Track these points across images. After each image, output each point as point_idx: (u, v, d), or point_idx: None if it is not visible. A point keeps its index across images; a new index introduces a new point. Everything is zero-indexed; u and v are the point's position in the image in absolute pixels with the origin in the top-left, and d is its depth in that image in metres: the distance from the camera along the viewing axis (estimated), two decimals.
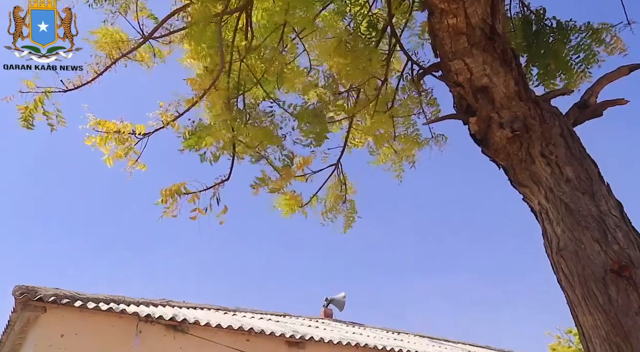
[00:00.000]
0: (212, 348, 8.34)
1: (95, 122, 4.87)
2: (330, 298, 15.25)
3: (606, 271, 2.66)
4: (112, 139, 4.88)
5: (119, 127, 4.87)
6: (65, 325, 7.47)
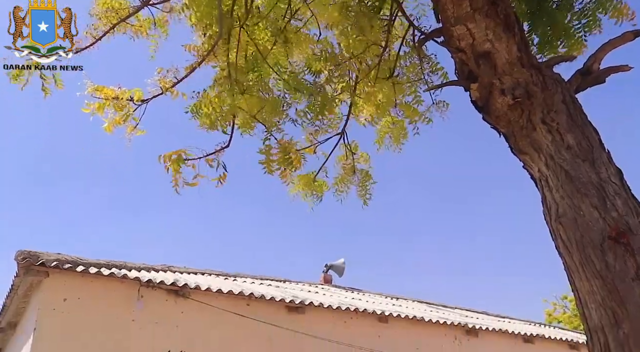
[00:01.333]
0: (212, 312, 8.46)
1: (93, 89, 4.84)
2: (329, 264, 15.41)
3: (604, 238, 2.67)
4: (111, 106, 4.86)
5: (117, 93, 4.84)
6: (67, 289, 7.57)
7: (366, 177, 5.76)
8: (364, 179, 5.74)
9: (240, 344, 8.54)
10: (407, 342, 10.19)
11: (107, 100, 4.88)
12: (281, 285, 11.73)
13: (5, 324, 8.88)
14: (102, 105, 4.87)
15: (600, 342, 2.60)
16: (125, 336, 7.70)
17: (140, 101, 4.97)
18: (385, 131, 5.70)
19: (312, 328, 9.22)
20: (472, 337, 11.09)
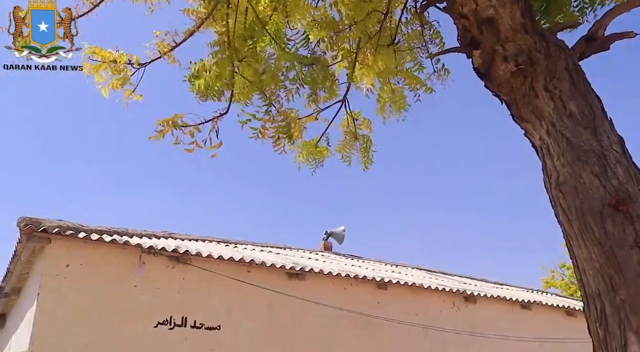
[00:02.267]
0: (213, 279, 8.55)
1: (91, 51, 4.79)
2: (329, 231, 15.51)
3: (604, 206, 2.67)
4: (108, 69, 4.81)
5: (114, 56, 4.79)
6: (70, 256, 7.64)
7: (368, 142, 5.74)
8: (365, 145, 5.72)
9: (241, 310, 8.65)
10: (406, 309, 10.32)
11: (104, 63, 4.83)
12: (281, 252, 11.83)
13: (9, 289, 9.00)
14: (98, 68, 4.82)
15: (597, 309, 2.63)
16: (127, 302, 7.80)
17: (139, 65, 4.92)
18: (386, 100, 5.66)
19: (312, 294, 9.34)
20: (470, 304, 11.23)
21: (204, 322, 8.25)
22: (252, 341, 8.55)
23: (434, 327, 10.43)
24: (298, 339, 9.00)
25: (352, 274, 9.85)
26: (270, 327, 8.82)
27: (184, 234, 10.51)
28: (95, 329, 7.44)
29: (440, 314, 10.73)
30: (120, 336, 7.56)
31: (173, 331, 7.96)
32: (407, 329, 10.12)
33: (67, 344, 7.19)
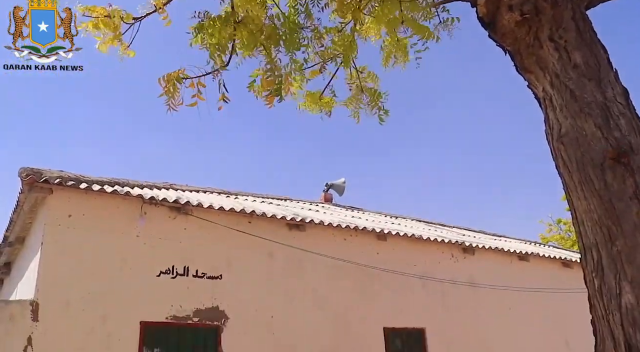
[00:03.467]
0: (215, 229, 8.64)
1: (85, 8, 4.71)
2: (330, 183, 15.57)
3: (605, 158, 2.66)
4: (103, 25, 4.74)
5: (108, 11, 4.71)
6: (72, 206, 7.69)
7: (376, 95, 5.65)
8: (374, 98, 5.64)
9: (242, 260, 8.78)
10: (405, 260, 10.47)
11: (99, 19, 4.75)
12: (282, 203, 11.91)
13: (13, 238, 9.10)
14: (95, 24, 4.74)
15: (593, 259, 2.66)
16: (129, 251, 7.91)
17: (133, 19, 4.84)
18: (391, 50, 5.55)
19: (312, 245, 9.45)
20: (468, 255, 11.39)
21: (205, 272, 8.39)
22: (252, 291, 8.71)
23: (433, 278, 10.61)
24: (298, 289, 9.17)
25: (352, 225, 9.94)
26: (270, 277, 8.97)
27: (184, 185, 10.56)
28: (99, 278, 7.57)
29: (439, 265, 10.89)
30: (123, 285, 7.70)
31: (175, 280, 8.10)
32: (406, 280, 10.29)
33: (71, 292, 7.33)
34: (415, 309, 10.26)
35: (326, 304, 9.34)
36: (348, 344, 9.27)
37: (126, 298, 7.66)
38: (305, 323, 9.01)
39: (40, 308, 7.08)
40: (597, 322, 2.66)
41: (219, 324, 8.24)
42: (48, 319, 7.08)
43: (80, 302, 7.34)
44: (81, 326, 7.26)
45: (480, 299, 11.11)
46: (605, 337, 2.56)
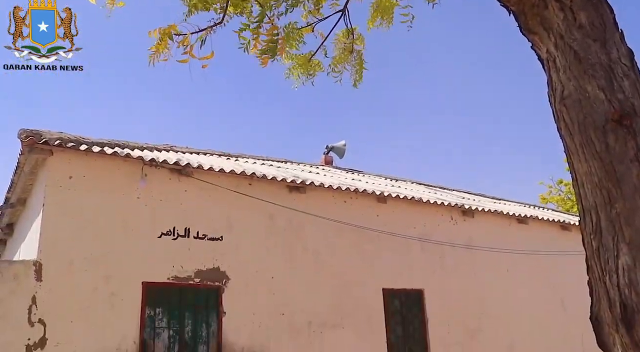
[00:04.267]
0: (215, 191, 8.67)
1: None
2: (330, 146, 15.56)
3: (607, 120, 2.63)
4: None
5: None
6: (72, 168, 7.70)
7: (360, 59, 5.61)
8: (359, 61, 5.60)
9: (242, 222, 8.84)
10: (404, 222, 10.54)
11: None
12: (282, 166, 11.92)
13: (15, 200, 9.14)
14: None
15: (592, 221, 2.66)
16: (130, 213, 7.96)
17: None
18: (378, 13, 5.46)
19: (312, 207, 9.50)
20: (468, 218, 11.46)
21: (206, 233, 8.46)
22: (253, 252, 8.80)
23: (432, 240, 10.70)
24: (298, 251, 9.26)
25: (352, 188, 9.97)
26: (271, 238, 9.05)
27: (184, 147, 10.55)
28: (100, 239, 7.64)
29: (438, 228, 10.98)
30: (125, 246, 7.78)
31: (176, 241, 8.18)
32: (405, 242, 10.38)
33: (73, 253, 7.41)
34: (414, 271, 10.38)
35: (326, 266, 9.45)
36: (347, 305, 9.42)
37: (128, 259, 7.74)
38: (305, 284, 9.14)
39: (44, 268, 7.16)
40: (593, 283, 2.69)
41: (220, 285, 8.35)
42: (51, 279, 7.18)
43: (83, 263, 7.43)
44: (84, 286, 7.36)
45: (478, 261, 11.23)
46: (601, 298, 2.59)
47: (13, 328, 6.81)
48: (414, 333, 10.08)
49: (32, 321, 6.94)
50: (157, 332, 7.75)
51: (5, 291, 6.90)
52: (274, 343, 8.54)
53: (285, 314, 8.79)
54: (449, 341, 10.30)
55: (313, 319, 9.02)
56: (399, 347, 9.81)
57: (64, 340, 7.05)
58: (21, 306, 6.93)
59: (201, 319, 8.12)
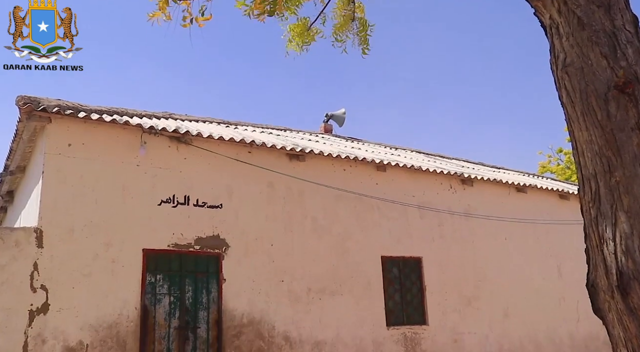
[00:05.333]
0: (215, 159, 8.67)
1: None
2: (330, 114, 15.49)
3: (609, 88, 2.61)
4: None
5: None
6: (71, 135, 7.68)
7: (365, 25, 5.54)
8: (362, 28, 5.53)
9: (242, 190, 8.86)
10: (403, 190, 10.57)
11: None
12: (282, 134, 11.89)
13: (14, 167, 9.14)
14: None
15: (591, 190, 2.67)
16: (130, 180, 7.97)
17: None
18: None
19: (312, 175, 9.51)
20: (467, 186, 11.48)
21: (206, 201, 8.48)
22: (253, 219, 8.84)
23: (431, 208, 10.75)
24: (298, 218, 9.31)
25: (351, 156, 9.97)
26: (270, 206, 9.08)
27: (183, 115, 10.50)
28: (100, 206, 7.66)
29: (437, 196, 11.01)
30: (125, 213, 7.81)
31: (176, 209, 8.21)
32: (404, 210, 10.43)
33: (74, 220, 7.44)
34: (413, 239, 10.46)
35: (325, 233, 9.51)
36: (346, 272, 9.52)
37: (128, 226, 7.79)
38: (304, 251, 9.21)
39: (44, 235, 7.21)
40: (591, 251, 2.71)
41: (220, 252, 8.42)
42: (53, 246, 7.23)
43: (84, 230, 7.47)
44: (85, 253, 7.42)
45: (477, 229, 11.31)
46: (597, 265, 2.61)
47: (16, 294, 6.90)
48: (412, 300, 10.21)
49: (35, 287, 7.02)
50: (158, 298, 7.84)
51: (7, 257, 6.96)
52: (273, 309, 8.66)
53: (284, 281, 8.89)
54: (447, 308, 10.44)
55: (312, 286, 9.12)
56: (397, 314, 9.95)
57: (66, 306, 7.14)
58: (23, 272, 7.00)
59: (201, 285, 8.21)
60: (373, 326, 9.53)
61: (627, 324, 2.44)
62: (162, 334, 7.75)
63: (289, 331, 8.72)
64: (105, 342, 7.29)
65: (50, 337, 6.98)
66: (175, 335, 7.83)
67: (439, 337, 10.16)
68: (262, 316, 8.54)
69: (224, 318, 8.20)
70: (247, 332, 8.35)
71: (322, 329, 9.02)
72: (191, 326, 7.97)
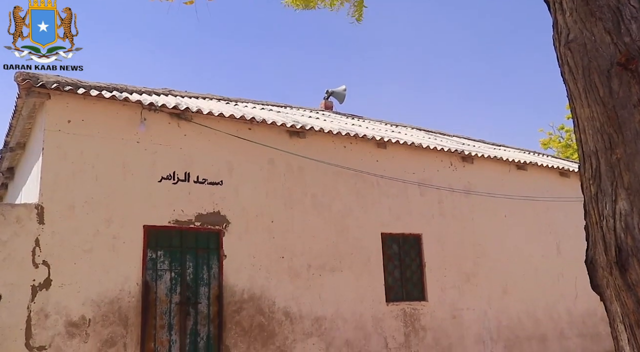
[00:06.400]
0: (215, 136, 8.65)
1: None
2: (331, 90, 15.40)
3: (612, 64, 2.59)
4: None
5: None
6: (71, 111, 7.65)
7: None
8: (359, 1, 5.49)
9: (242, 167, 8.86)
10: (404, 167, 10.57)
11: None
12: (282, 110, 11.84)
13: (14, 143, 9.13)
14: None
15: (592, 167, 2.66)
16: (130, 157, 7.96)
17: None
18: None
19: (312, 152, 9.51)
20: (467, 164, 11.48)
21: (206, 178, 8.49)
22: (253, 196, 8.86)
23: (431, 185, 10.76)
24: (298, 195, 9.32)
25: (352, 133, 9.94)
26: (271, 183, 9.09)
27: (183, 92, 10.45)
28: (101, 183, 7.67)
29: (437, 173, 11.01)
30: (126, 190, 7.82)
31: (176, 186, 8.22)
32: (404, 187, 10.44)
33: (75, 196, 7.45)
34: (413, 216, 10.49)
35: (325, 210, 9.53)
36: (346, 248, 9.57)
37: (129, 203, 7.80)
38: (304, 227, 9.25)
39: (46, 211, 7.23)
40: (590, 227, 2.72)
41: (221, 228, 8.45)
42: (54, 222, 7.25)
43: (85, 206, 7.49)
44: (86, 229, 7.45)
45: (477, 207, 11.33)
46: (597, 242, 2.62)
47: (18, 269, 6.95)
48: (412, 276, 10.28)
49: (37, 263, 7.07)
50: (159, 274, 7.90)
51: (8, 233, 6.99)
52: (273, 285, 8.73)
53: (284, 257, 8.94)
54: (446, 284, 10.52)
55: (312, 262, 9.18)
56: (397, 290, 10.03)
57: (68, 281, 7.19)
58: (25, 248, 7.04)
59: (202, 261, 8.26)
60: (372, 302, 9.61)
61: (625, 300, 2.46)
62: (163, 310, 7.83)
63: (289, 306, 8.80)
64: (107, 317, 7.36)
65: (53, 312, 7.04)
66: (176, 310, 7.91)
67: (438, 313, 10.26)
68: (263, 292, 8.61)
69: (225, 294, 8.27)
70: (247, 307, 8.42)
71: (322, 304, 9.11)
72: (192, 301, 8.04)
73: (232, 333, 8.21)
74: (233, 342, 8.19)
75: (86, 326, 7.21)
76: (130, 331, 7.48)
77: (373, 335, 9.45)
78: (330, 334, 9.06)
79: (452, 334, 10.31)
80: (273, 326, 8.59)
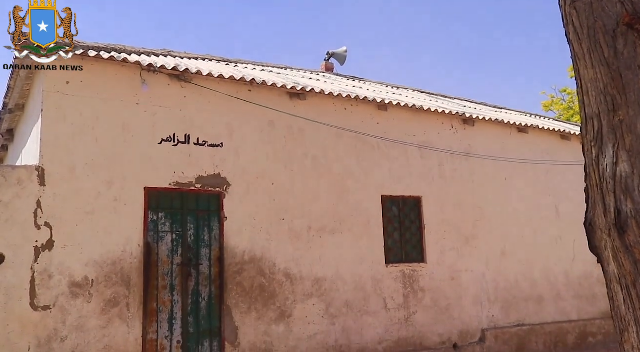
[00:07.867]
0: (215, 97, 8.59)
1: None
2: (331, 52, 15.23)
3: (618, 24, 2.54)
4: None
5: None
6: (69, 72, 7.56)
7: None
8: None
9: (243, 128, 8.82)
10: (404, 130, 10.53)
11: None
12: (282, 72, 11.73)
13: (13, 105, 9.08)
14: None
15: (594, 129, 2.64)
16: (130, 119, 7.93)
17: None
18: None
19: (312, 114, 9.46)
20: (468, 126, 11.43)
21: (206, 140, 8.47)
22: (253, 159, 8.85)
23: (431, 148, 10.74)
24: (298, 157, 9.32)
25: (352, 95, 9.87)
26: (271, 145, 9.07)
27: (182, 53, 10.33)
28: (101, 145, 7.66)
29: (438, 136, 10.98)
30: (126, 152, 7.81)
31: (177, 148, 8.20)
32: (405, 149, 10.43)
33: (75, 158, 7.45)
34: (413, 178, 10.50)
35: (326, 172, 9.54)
36: (346, 211, 9.61)
37: (129, 165, 7.80)
38: (304, 189, 9.27)
39: (46, 173, 7.24)
40: (590, 190, 2.72)
41: (221, 191, 8.47)
42: (55, 184, 7.27)
43: (85, 168, 7.49)
44: (87, 191, 7.47)
45: (477, 169, 11.33)
46: (596, 204, 2.63)
47: (21, 230, 7.00)
48: (411, 238, 10.36)
49: (39, 224, 7.11)
50: (161, 236, 7.96)
51: (10, 195, 7.02)
52: (274, 247, 8.80)
53: (285, 219, 8.99)
54: (445, 247, 10.61)
55: (312, 224, 9.24)
56: (396, 252, 10.12)
57: (70, 242, 7.26)
58: (27, 210, 7.07)
59: (203, 223, 8.32)
60: (372, 263, 9.71)
61: (622, 261, 2.47)
62: (165, 271, 7.92)
63: (289, 268, 8.90)
64: (110, 278, 7.46)
65: (56, 272, 7.13)
66: (178, 271, 8.00)
67: (436, 274, 10.37)
68: (264, 254, 8.69)
69: (226, 255, 8.36)
70: (248, 269, 8.52)
71: (322, 266, 9.21)
72: (193, 263, 8.13)
73: (233, 294, 8.32)
74: (234, 302, 8.31)
75: (89, 286, 7.31)
76: (133, 292, 7.59)
77: (372, 296, 9.59)
78: (330, 295, 9.19)
79: (450, 296, 10.46)
80: (274, 286, 8.71)
